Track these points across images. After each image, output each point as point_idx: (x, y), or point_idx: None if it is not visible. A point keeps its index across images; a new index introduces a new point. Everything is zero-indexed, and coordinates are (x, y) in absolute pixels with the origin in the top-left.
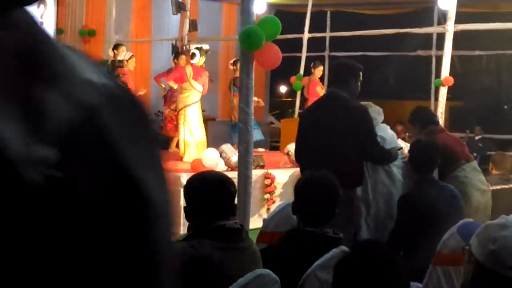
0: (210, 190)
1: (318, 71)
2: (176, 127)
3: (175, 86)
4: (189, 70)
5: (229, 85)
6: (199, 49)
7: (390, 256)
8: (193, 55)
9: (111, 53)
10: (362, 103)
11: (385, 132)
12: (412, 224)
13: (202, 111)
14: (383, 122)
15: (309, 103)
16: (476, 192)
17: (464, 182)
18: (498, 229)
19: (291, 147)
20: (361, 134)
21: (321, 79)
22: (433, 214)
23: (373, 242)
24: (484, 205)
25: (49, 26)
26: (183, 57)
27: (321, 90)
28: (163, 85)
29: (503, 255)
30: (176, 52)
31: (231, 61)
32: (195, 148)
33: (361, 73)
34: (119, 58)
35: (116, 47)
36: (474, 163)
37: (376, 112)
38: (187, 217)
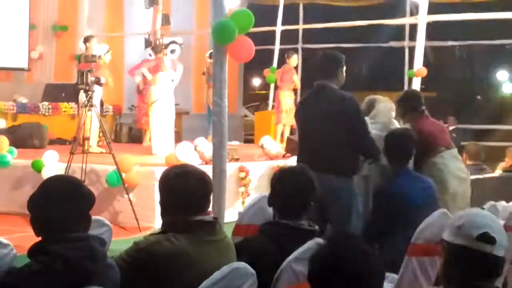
0: (190, 185)
1: (293, 60)
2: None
3: (150, 77)
4: (166, 61)
5: (206, 77)
6: (180, 44)
7: (364, 248)
8: (173, 51)
9: (82, 46)
10: (373, 96)
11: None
12: (387, 216)
13: (176, 104)
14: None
15: (280, 90)
16: (454, 179)
17: (442, 169)
18: (464, 212)
19: (265, 140)
20: (352, 123)
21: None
22: (408, 206)
23: (347, 234)
24: (462, 193)
25: (22, 22)
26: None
27: (297, 79)
28: (136, 78)
29: (468, 227)
30: (154, 46)
31: (207, 54)
32: (165, 142)
33: (344, 63)
34: (92, 52)
35: (87, 39)
36: (454, 151)
37: (388, 109)
38: (163, 211)
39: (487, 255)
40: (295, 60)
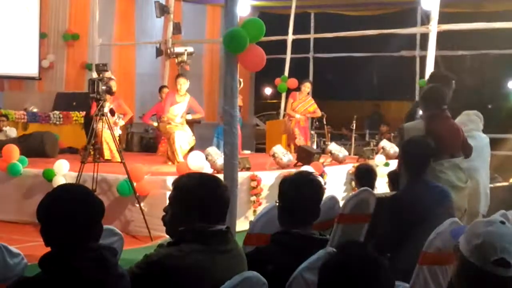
0: (217, 194)
1: (304, 87)
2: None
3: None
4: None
5: None
6: (191, 53)
7: (374, 257)
8: None
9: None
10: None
11: (475, 140)
12: (399, 225)
13: (187, 113)
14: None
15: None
16: (449, 189)
17: (439, 177)
18: (484, 225)
19: (277, 149)
20: None
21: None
22: (420, 215)
23: (357, 244)
24: (456, 202)
25: (32, 30)
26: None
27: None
28: (154, 124)
29: (486, 249)
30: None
31: None
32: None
33: (453, 82)
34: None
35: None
36: (458, 160)
37: (468, 120)
38: (176, 221)
39: (499, 277)
40: (306, 87)
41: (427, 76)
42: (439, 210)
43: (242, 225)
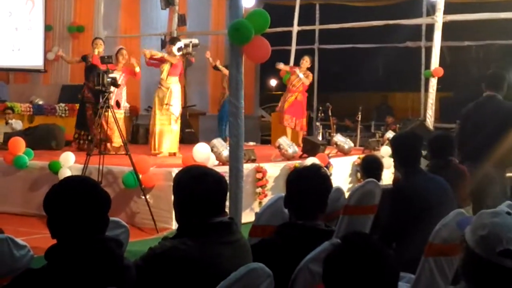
0: (207, 188)
1: (303, 61)
2: None
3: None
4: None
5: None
6: (197, 45)
7: (378, 247)
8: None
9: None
10: None
11: None
12: (404, 216)
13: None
14: None
15: (289, 93)
16: None
17: None
18: (490, 216)
19: (282, 141)
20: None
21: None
22: (425, 205)
23: (362, 234)
24: None
25: (37, 23)
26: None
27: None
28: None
29: (492, 240)
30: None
31: None
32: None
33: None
34: (96, 51)
35: (92, 42)
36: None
37: None
38: (178, 214)
39: (505, 268)
40: (305, 62)
41: (432, 67)
42: (440, 200)
43: (247, 216)
